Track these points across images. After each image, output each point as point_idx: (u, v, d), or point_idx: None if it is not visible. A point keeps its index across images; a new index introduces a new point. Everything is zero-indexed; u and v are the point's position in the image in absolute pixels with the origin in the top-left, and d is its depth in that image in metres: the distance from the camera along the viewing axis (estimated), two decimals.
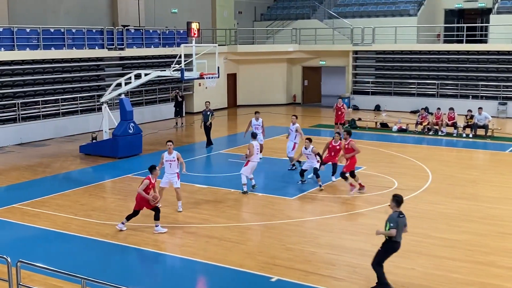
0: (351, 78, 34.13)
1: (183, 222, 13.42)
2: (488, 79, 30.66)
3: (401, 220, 9.50)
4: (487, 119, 24.01)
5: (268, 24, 38.14)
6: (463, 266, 10.73)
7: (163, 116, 29.40)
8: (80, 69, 26.51)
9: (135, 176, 17.74)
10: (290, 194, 15.55)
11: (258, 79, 35.10)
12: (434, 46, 32.95)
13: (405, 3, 35.60)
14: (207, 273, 10.87)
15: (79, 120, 25.55)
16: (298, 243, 11.97)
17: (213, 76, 20.05)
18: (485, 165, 20.12)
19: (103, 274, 9.90)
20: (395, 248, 9.66)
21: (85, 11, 28.20)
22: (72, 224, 13.20)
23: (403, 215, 9.62)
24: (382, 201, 14.78)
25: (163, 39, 30.07)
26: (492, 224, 13.05)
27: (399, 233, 9.50)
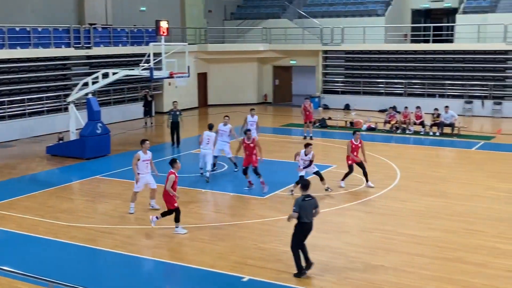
0: (321, 77, 34.33)
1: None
2: (454, 78, 31.17)
3: (304, 203, 10.08)
4: (453, 117, 24.40)
5: (238, 23, 38.09)
6: (432, 262, 10.87)
7: (132, 116, 29.09)
8: (46, 69, 26.06)
9: (103, 177, 17.52)
10: (262, 193, 15.53)
11: (228, 79, 35.03)
12: (401, 45, 33.37)
13: (373, 3, 35.96)
14: (178, 274, 10.79)
15: (46, 120, 25.12)
16: (270, 242, 11.97)
17: (183, 75, 19.93)
18: (452, 162, 20.44)
19: (71, 277, 9.74)
20: (302, 229, 10.17)
21: (52, 10, 27.72)
22: (40, 227, 12.96)
23: (310, 197, 10.18)
24: (352, 199, 14.90)
25: (132, 37, 29.76)
26: (460, 221, 13.26)
27: (304, 215, 10.05)
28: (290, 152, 20.69)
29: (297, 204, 10.08)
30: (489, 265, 10.75)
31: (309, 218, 10.18)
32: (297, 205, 10.07)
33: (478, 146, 22.07)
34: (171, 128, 22.12)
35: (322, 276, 10.36)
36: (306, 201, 10.13)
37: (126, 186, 16.37)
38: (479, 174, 17.70)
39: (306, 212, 10.10)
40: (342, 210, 14.10)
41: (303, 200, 10.14)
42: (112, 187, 16.40)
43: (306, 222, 10.13)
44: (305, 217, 10.10)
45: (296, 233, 10.25)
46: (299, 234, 10.23)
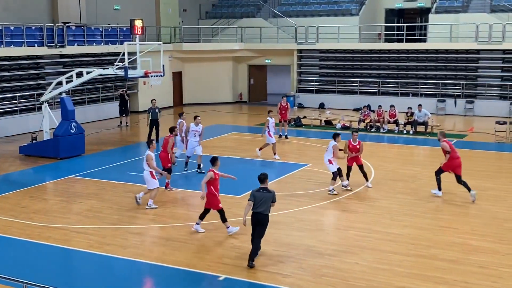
0: (296, 76, 34.49)
1: (128, 223, 13.23)
2: (427, 77, 31.60)
3: (259, 194, 10.69)
4: (426, 116, 24.73)
5: (213, 22, 38.05)
6: (405, 259, 11.03)
7: (106, 115, 28.88)
8: (19, 67, 25.71)
9: (78, 177, 17.37)
10: (238, 192, 15.57)
11: (204, 78, 34.97)
12: (375, 45, 33.70)
13: (347, 3, 36.25)
14: (154, 274, 10.76)
15: (18, 120, 24.79)
16: (246, 241, 11.99)
17: (158, 74, 19.85)
18: (426, 160, 20.72)
19: (45, 278, 9.67)
20: (254, 219, 10.70)
21: (24, 8, 27.36)
22: (13, 227, 12.80)
23: (266, 190, 10.74)
24: (327, 198, 15.01)
25: (106, 36, 29.51)
26: (433, 218, 13.47)
27: (258, 205, 10.62)
28: (265, 151, 20.82)
29: (252, 194, 10.76)
30: (462, 261, 10.94)
31: (261, 209, 10.64)
32: (252, 195, 10.75)
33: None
34: (150, 125, 22.20)
35: (298, 274, 10.43)
36: (260, 192, 10.75)
37: (100, 186, 16.28)
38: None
39: (258, 203, 10.65)
40: (316, 209, 14.21)
41: (257, 191, 10.77)
42: (87, 187, 16.27)
43: (257, 212, 10.67)
44: (257, 207, 10.65)
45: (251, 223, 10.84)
46: (252, 224, 10.81)
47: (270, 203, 10.76)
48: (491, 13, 31.33)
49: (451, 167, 14.95)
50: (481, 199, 14.91)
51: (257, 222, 10.70)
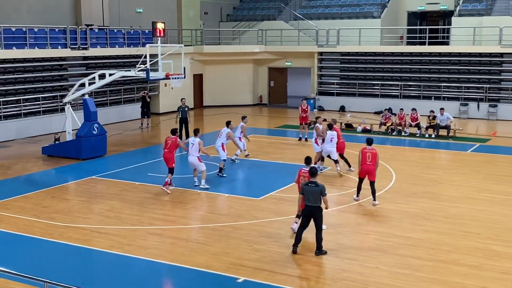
0: (316, 79, 34.40)
1: (149, 224, 13.31)
2: (450, 80, 31.29)
3: (307, 188, 11.26)
4: (449, 119, 24.49)
5: (234, 25, 38.13)
6: (426, 264, 10.92)
7: (128, 117, 29.10)
8: (42, 69, 26.03)
9: (99, 177, 17.52)
10: (257, 194, 15.57)
11: (224, 80, 35.06)
12: (397, 48, 33.46)
13: (369, 5, 36.07)
14: (173, 275, 10.81)
15: (42, 121, 25.09)
16: (265, 243, 12.00)
17: (179, 76, 19.94)
18: (447, 165, 20.51)
19: (66, 277, 9.76)
20: (306, 211, 11.35)
21: (48, 10, 27.71)
22: (35, 227, 12.96)
23: (314, 184, 11.23)
24: (346, 201, 14.94)
25: (128, 38, 29.76)
26: (454, 223, 13.31)
27: (307, 198, 11.23)
28: (285, 153, 20.81)
29: (302, 187, 11.50)
30: (483, 267, 10.80)
31: (311, 202, 11.18)
32: (302, 188, 11.48)
33: (473, 149, 22.17)
34: (180, 124, 22.73)
35: (317, 277, 10.39)
36: (307, 186, 11.28)
37: (122, 187, 16.40)
38: (474, 176, 17.78)
39: (307, 196, 11.22)
40: (336, 212, 14.13)
41: (306, 185, 11.35)
42: (108, 188, 16.41)
43: (307, 205, 11.24)
44: (307, 200, 11.24)
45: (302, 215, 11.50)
46: (303, 215, 11.45)
47: (320, 196, 11.20)
48: None
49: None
50: (504, 204, 14.70)
51: (309, 214, 11.26)
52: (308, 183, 11.37)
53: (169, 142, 16.01)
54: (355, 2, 36.92)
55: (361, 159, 14.72)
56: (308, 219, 11.35)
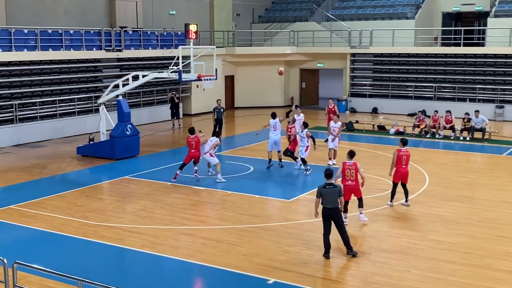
0: (348, 80, 34.18)
1: (180, 224, 13.41)
2: (485, 82, 30.73)
3: (325, 190, 11.06)
4: (484, 122, 24.06)
5: (266, 26, 38.16)
6: (459, 269, 10.74)
7: (160, 118, 29.39)
8: (77, 70, 26.50)
9: (132, 177, 17.73)
10: (288, 196, 15.54)
11: (255, 81, 35.13)
12: (431, 49, 33.04)
13: (403, 6, 35.68)
14: (203, 275, 10.87)
15: (77, 121, 25.54)
16: (295, 245, 11.97)
17: (211, 78, 20.05)
18: (482, 168, 20.15)
19: (99, 275, 9.90)
20: (324, 214, 11.12)
21: (83, 12, 28.21)
22: (69, 226, 13.18)
23: (332, 185, 11.11)
24: (379, 204, 14.79)
25: (161, 40, 30.07)
26: (489, 227, 13.07)
27: (325, 201, 11.05)
28: (315, 155, 20.69)
29: (318, 190, 11.19)
30: None
31: (330, 204, 11.03)
32: (318, 191, 11.18)
33: (508, 152, 21.72)
34: (215, 124, 23.15)
35: (348, 280, 10.33)
36: (326, 188, 11.09)
37: (154, 187, 16.56)
38: (510, 180, 17.41)
39: (326, 198, 11.05)
40: (369, 215, 14.00)
41: (323, 187, 11.11)
42: (141, 188, 16.60)
43: (326, 207, 11.08)
44: (325, 203, 11.06)
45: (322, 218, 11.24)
46: (322, 218, 11.19)
47: (338, 197, 11.07)
48: None
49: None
50: None
51: (328, 216, 11.10)
52: (326, 185, 11.13)
53: (192, 143, 16.92)
54: (389, 3, 36.57)
55: (395, 161, 14.33)
56: (328, 222, 11.14)
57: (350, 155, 13.15)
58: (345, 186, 12.82)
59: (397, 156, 14.32)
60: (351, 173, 12.94)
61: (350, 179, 12.97)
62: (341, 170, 13.00)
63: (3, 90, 23.33)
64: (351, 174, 12.94)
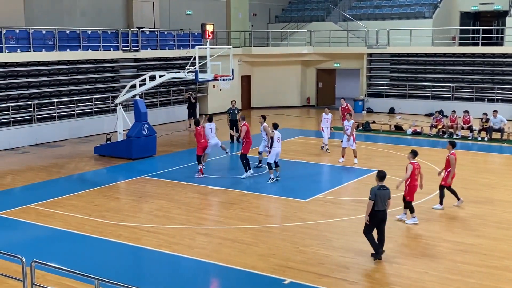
0: (365, 80, 34.01)
1: (196, 223, 13.44)
2: (503, 82, 30.39)
3: (380, 192, 10.85)
4: (502, 122, 23.80)
5: (283, 26, 38.13)
6: (477, 270, 10.63)
7: (177, 118, 29.48)
8: (95, 71, 26.69)
9: (149, 177, 17.80)
10: (304, 196, 15.51)
11: (272, 81, 35.10)
12: (449, 48, 32.74)
13: (420, 6, 35.42)
14: (220, 275, 10.88)
15: (94, 121, 25.71)
16: (312, 245, 11.94)
17: (227, 78, 20.07)
18: (501, 169, 19.92)
19: (116, 275, 9.95)
20: (375, 217, 10.89)
21: (100, 13, 28.40)
22: (86, 225, 13.27)
23: (385, 188, 10.95)
24: (396, 204, 14.67)
25: (178, 41, 30.18)
26: (508, 229, 12.92)
27: (378, 204, 10.81)
28: (333, 155, 20.64)
29: (372, 192, 10.87)
30: None
31: (382, 206, 10.89)
32: (372, 193, 10.86)
33: None
34: (231, 125, 23.06)
35: (365, 281, 10.27)
36: (381, 190, 10.89)
37: (171, 187, 16.62)
38: None
39: (379, 201, 10.83)
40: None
41: (378, 189, 10.89)
42: (158, 187, 16.66)
43: (379, 210, 10.88)
44: (378, 206, 10.84)
45: (370, 220, 10.98)
46: (371, 220, 10.96)
47: (387, 199, 10.98)
48: None
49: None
50: None
51: (379, 219, 10.96)
52: (380, 187, 10.95)
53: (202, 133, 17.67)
54: (406, 3, 36.32)
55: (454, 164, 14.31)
56: (377, 225, 11.04)
57: (414, 155, 13.36)
58: (413, 187, 13.16)
59: (455, 160, 14.31)
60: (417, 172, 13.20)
61: (417, 179, 13.23)
62: (411, 171, 13.02)
63: (21, 90, 23.58)
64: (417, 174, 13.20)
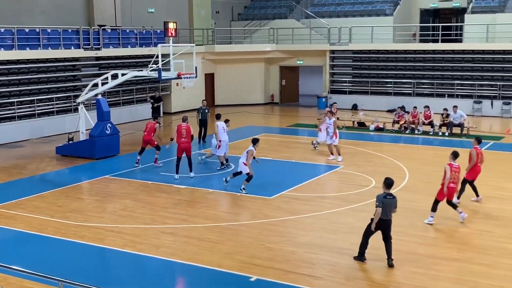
0: (328, 77, 34.31)
1: (161, 222, 13.35)
2: (463, 78, 31.07)
3: (386, 201, 10.50)
4: (462, 117, 24.32)
5: (245, 24, 38.15)
6: (440, 263, 10.86)
7: (140, 117, 29.20)
8: (56, 70, 26.22)
9: (113, 177, 17.60)
10: (269, 193, 15.56)
11: (236, 79, 35.10)
12: (410, 45, 33.29)
13: (381, 3, 35.91)
14: (185, 273, 10.84)
15: (55, 120, 25.27)
16: (277, 242, 11.99)
17: (191, 76, 19.99)
18: (461, 163, 20.24)
19: (80, 276, 9.82)
20: (381, 224, 10.57)
21: (61, 11, 27.90)
22: (49, 226, 13.05)
23: (392, 196, 10.61)
24: (360, 200, 14.87)
25: (140, 39, 29.89)
26: (469, 221, 13.19)
27: (384, 212, 10.47)
28: (297, 152, 20.78)
29: (379, 200, 10.55)
30: (498, 265, 10.72)
31: (388, 215, 10.60)
32: (379, 201, 10.54)
33: (487, 147, 21.96)
34: (200, 125, 22.89)
35: (330, 276, 10.37)
36: (387, 198, 10.57)
37: (135, 186, 16.47)
38: (488, 174, 17.57)
39: (386, 209, 10.52)
40: (350, 211, 14.10)
41: (384, 197, 10.57)
42: (122, 187, 16.49)
43: (384, 219, 10.57)
44: (384, 214, 10.53)
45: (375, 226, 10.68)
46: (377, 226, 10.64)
47: (393, 209, 10.66)
48: None
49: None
50: None
51: (382, 227, 10.63)
52: (386, 195, 10.58)
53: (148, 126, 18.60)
54: (367, 0, 36.77)
55: (475, 160, 14.40)
56: (380, 231, 10.70)
57: (455, 156, 13.22)
58: (449, 188, 12.94)
59: (476, 155, 14.40)
60: (456, 175, 12.96)
61: (454, 181, 12.99)
62: (449, 173, 12.83)
63: None
64: (455, 176, 12.96)
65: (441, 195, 13.05)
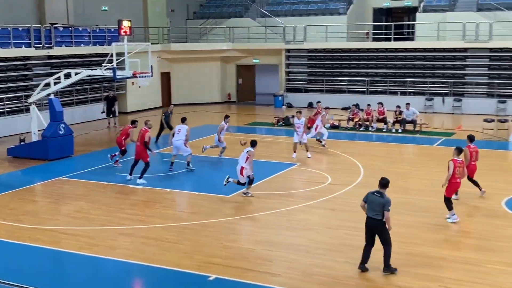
0: (284, 76, 34.53)
1: (118, 224, 13.19)
2: (415, 76, 31.76)
3: (372, 197, 10.33)
4: (415, 114, 24.85)
5: (201, 22, 38.00)
6: (396, 257, 11.02)
7: (95, 116, 28.73)
8: (6, 69, 25.53)
9: (67, 178, 17.28)
10: (227, 192, 15.56)
11: (192, 78, 34.93)
12: (363, 44, 33.81)
13: (335, 2, 36.34)
14: (144, 274, 10.74)
15: (6, 121, 24.62)
16: (235, 240, 12.02)
17: (146, 75, 19.81)
18: (414, 159, 20.82)
19: (35, 280, 9.62)
20: (367, 223, 10.43)
21: (11, 9, 27.17)
22: (1, 230, 12.72)
23: (379, 195, 10.30)
24: (316, 197, 15.04)
25: (94, 37, 29.39)
26: (423, 216, 13.51)
27: (370, 209, 10.33)
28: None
29: (366, 195, 10.45)
30: (451, 258, 11.01)
31: (371, 213, 10.30)
32: (365, 196, 10.45)
33: (439, 143, 22.55)
34: (161, 126, 22.67)
35: (288, 273, 10.45)
36: (374, 195, 10.32)
37: (90, 187, 16.21)
38: (441, 170, 17.99)
39: (370, 205, 10.31)
40: (306, 208, 14.23)
41: (372, 193, 10.38)
42: (76, 188, 16.21)
43: (368, 216, 10.37)
44: (369, 211, 10.34)
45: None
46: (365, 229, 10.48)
47: (381, 208, 10.18)
48: (478, 12, 31.54)
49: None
50: (471, 197, 14.96)
51: (370, 227, 10.36)
52: (374, 191, 10.40)
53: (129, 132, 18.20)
54: None
55: (469, 158, 14.40)
56: (371, 234, 10.38)
57: (459, 152, 13.19)
58: (454, 184, 13.02)
59: (469, 153, 14.45)
60: (460, 170, 13.01)
61: (458, 177, 13.04)
62: (453, 168, 12.85)
63: None
64: (460, 172, 13.02)
65: (450, 191, 13.14)
